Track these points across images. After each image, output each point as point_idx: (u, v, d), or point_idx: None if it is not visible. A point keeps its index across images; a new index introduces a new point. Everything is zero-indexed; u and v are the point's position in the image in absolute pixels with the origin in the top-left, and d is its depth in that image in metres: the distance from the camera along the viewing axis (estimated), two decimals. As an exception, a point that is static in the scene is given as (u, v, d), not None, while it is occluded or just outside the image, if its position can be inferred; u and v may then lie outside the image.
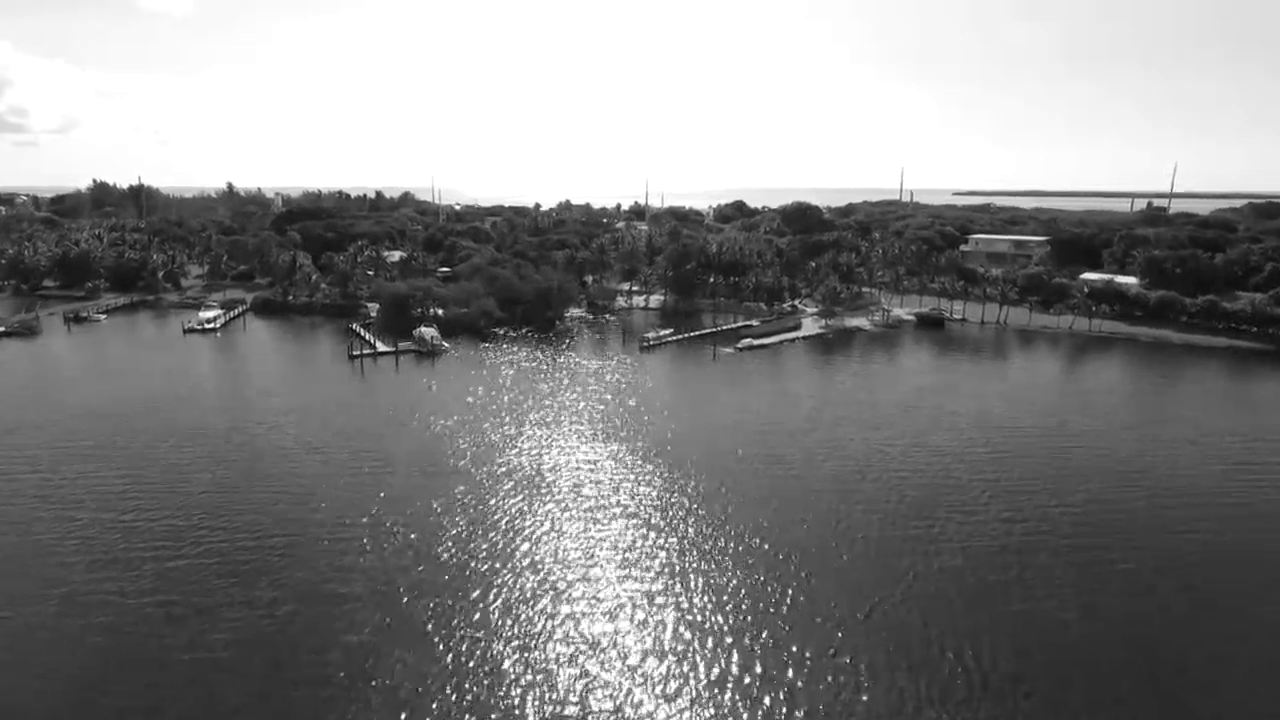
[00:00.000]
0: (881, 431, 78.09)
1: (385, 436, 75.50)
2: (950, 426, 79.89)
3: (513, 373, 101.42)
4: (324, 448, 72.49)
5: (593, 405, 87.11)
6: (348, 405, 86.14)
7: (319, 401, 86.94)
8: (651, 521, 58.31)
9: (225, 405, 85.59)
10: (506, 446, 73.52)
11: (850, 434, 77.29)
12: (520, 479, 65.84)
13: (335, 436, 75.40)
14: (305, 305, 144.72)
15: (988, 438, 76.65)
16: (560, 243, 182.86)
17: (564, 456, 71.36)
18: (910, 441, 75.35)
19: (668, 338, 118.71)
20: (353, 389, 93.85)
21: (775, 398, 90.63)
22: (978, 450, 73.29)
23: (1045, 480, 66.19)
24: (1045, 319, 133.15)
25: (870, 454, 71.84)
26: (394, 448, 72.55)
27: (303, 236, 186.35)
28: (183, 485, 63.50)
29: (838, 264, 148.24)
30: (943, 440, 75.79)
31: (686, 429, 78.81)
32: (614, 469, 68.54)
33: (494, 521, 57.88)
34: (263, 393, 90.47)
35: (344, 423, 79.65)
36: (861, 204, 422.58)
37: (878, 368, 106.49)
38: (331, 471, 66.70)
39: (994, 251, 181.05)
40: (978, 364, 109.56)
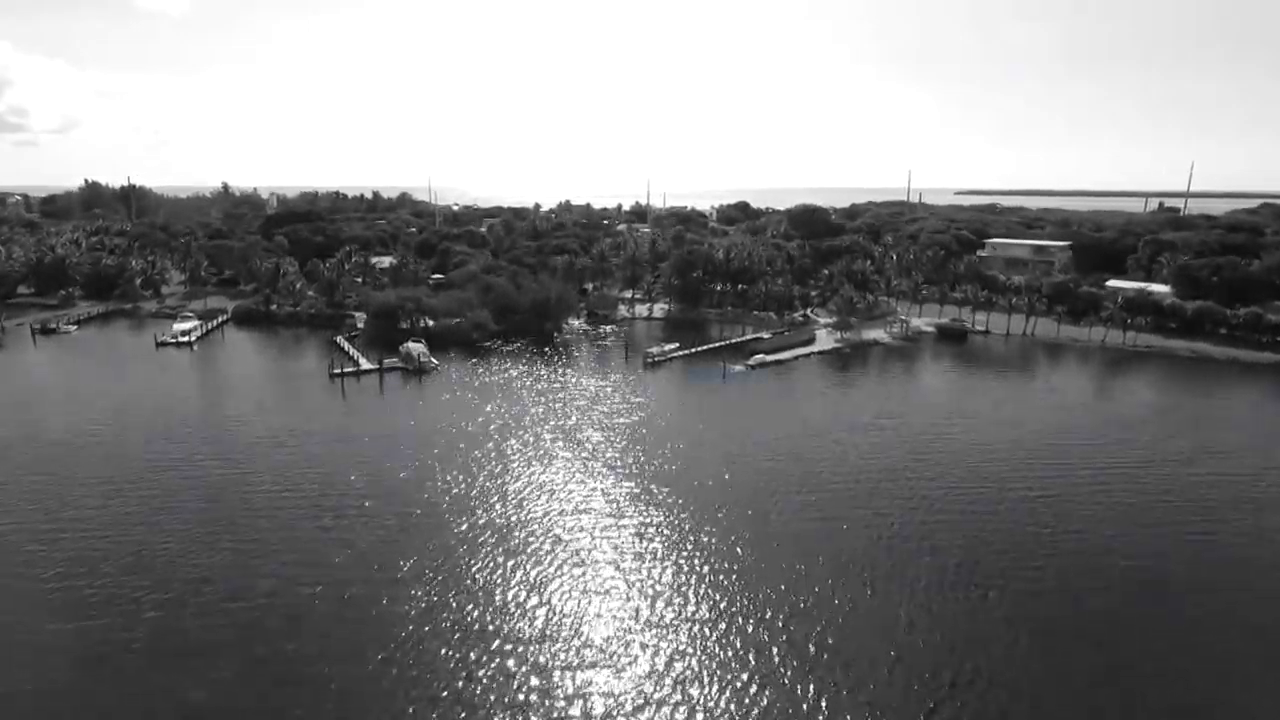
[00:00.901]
0: (921, 469, 70.05)
1: (357, 476, 67.44)
2: (1001, 462, 71.89)
3: (506, 394, 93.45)
4: (291, 488, 64.54)
5: (591, 436, 79.06)
6: (322, 435, 78.09)
7: (291, 431, 78.91)
8: (662, 597, 50.36)
9: (181, 436, 77.38)
10: (493, 489, 65.47)
11: (886, 469, 69.26)
12: (504, 534, 57.83)
13: (302, 475, 67.38)
14: (289, 315, 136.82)
15: (1043, 478, 68.66)
16: (559, 248, 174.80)
17: (556, 502, 63.30)
18: (953, 489, 67.34)
19: (673, 353, 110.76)
20: (330, 415, 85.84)
21: (795, 426, 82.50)
22: (1033, 496, 65.28)
23: (1116, 534, 58.20)
24: (1074, 331, 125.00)
25: (913, 497, 63.81)
26: (366, 489, 64.58)
27: (290, 241, 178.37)
28: (116, 535, 55.56)
29: (852, 271, 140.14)
30: (992, 482, 67.80)
31: (694, 467, 70.76)
32: (611, 522, 60.52)
33: (467, 589, 49.88)
34: (230, 420, 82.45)
35: (314, 458, 71.65)
36: (866, 205, 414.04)
37: (902, 388, 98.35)
38: (292, 521, 58.70)
39: (1013, 257, 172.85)
40: (1010, 383, 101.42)
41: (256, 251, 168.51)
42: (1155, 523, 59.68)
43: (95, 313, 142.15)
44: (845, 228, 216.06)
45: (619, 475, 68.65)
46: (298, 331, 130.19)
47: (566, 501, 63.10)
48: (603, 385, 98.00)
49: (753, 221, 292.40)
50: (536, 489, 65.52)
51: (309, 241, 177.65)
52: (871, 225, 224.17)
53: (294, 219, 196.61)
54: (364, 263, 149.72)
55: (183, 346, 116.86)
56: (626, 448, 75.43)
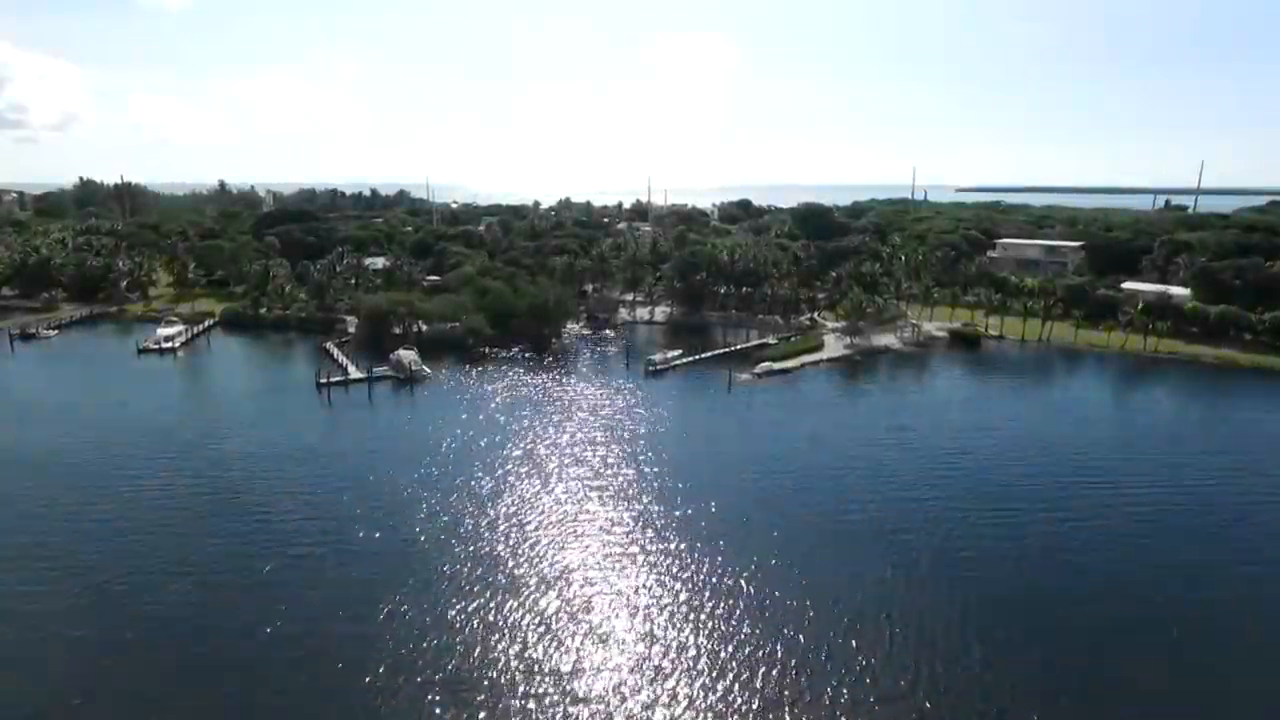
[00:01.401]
0: (943, 490, 65.40)
1: (340, 501, 62.75)
2: (1030, 482, 67.27)
3: (501, 405, 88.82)
4: (264, 515, 59.91)
5: (590, 453, 74.42)
6: (304, 454, 73.37)
7: (271, 448, 74.27)
8: (660, 647, 45.77)
9: (151, 454, 72.52)
10: (483, 517, 60.79)
11: (905, 489, 64.62)
12: (493, 567, 53.26)
13: (278, 499, 62.74)
14: (279, 319, 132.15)
15: (1078, 502, 64.03)
16: (559, 248, 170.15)
17: (553, 532, 58.69)
18: (979, 514, 62.71)
19: (676, 360, 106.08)
20: (314, 429, 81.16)
21: (806, 442, 77.83)
22: (1068, 522, 60.65)
23: (1177, 568, 53.60)
24: (1092, 336, 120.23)
25: (936, 523, 59.17)
26: (345, 516, 59.94)
27: (282, 242, 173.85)
28: (65, 571, 50.95)
29: (860, 274, 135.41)
30: (1019, 504, 63.17)
31: (702, 490, 66.09)
32: (612, 555, 55.93)
33: (448, 637, 45.28)
34: (206, 436, 77.73)
35: (293, 479, 67.03)
36: (869, 202, 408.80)
37: (917, 399, 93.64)
38: (261, 551, 54.07)
39: (1024, 258, 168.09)
40: (1029, 392, 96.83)
41: (247, 252, 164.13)
42: (1228, 560, 55.10)
43: (79, 316, 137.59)
44: (850, 227, 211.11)
45: (620, 499, 64.08)
46: (287, 336, 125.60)
47: (563, 531, 58.48)
48: (603, 395, 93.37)
49: (755, 220, 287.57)
50: (531, 517, 60.89)
51: (301, 242, 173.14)
52: (877, 224, 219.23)
53: (286, 219, 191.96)
54: (356, 264, 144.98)
55: (165, 353, 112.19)
56: (628, 467, 70.82)
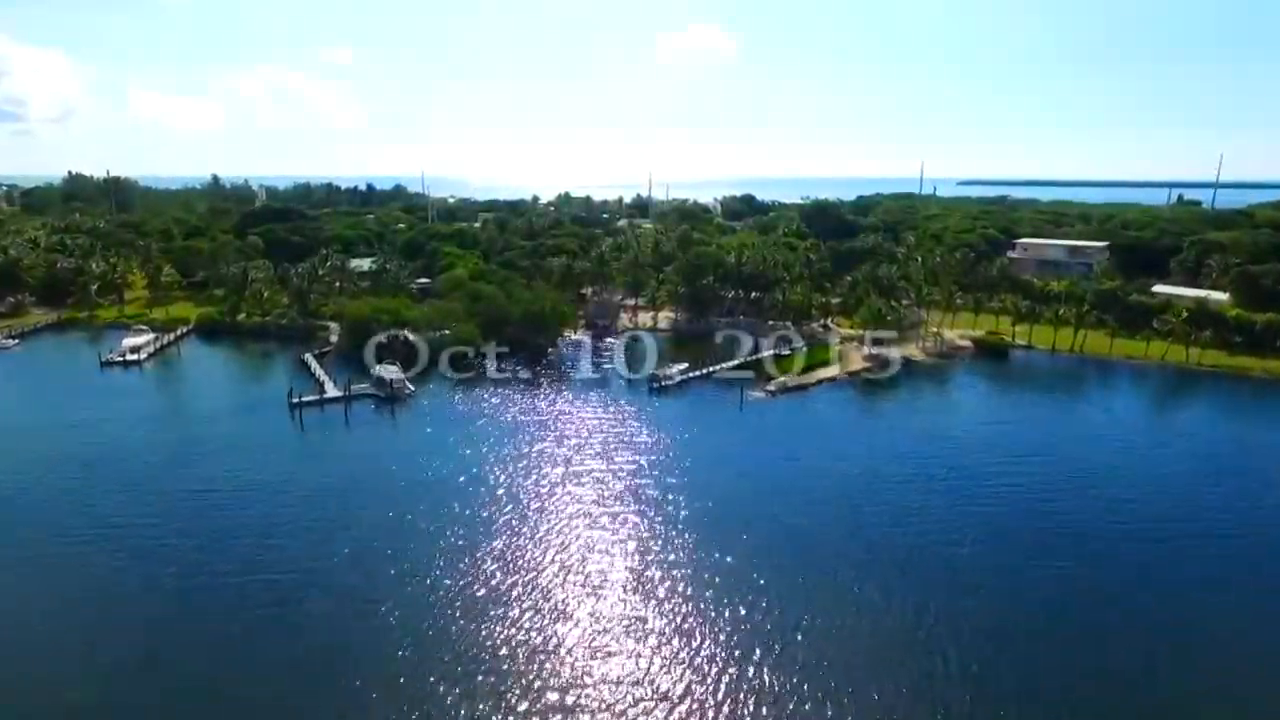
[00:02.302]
0: (984, 528, 57.34)
1: (293, 554, 54.67)
2: (1081, 518, 59.20)
3: (489, 430, 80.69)
4: (214, 569, 51.88)
5: (587, 489, 66.37)
6: (267, 488, 65.34)
7: (232, 483, 66.15)
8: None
9: (96, 491, 64.58)
10: (459, 578, 52.77)
11: (943, 529, 56.58)
12: (473, 655, 45.23)
13: (224, 554, 54.64)
14: (257, 327, 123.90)
15: (1135, 540, 55.99)
16: (556, 248, 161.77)
17: (545, 596, 50.67)
18: (1029, 557, 54.65)
19: (682, 375, 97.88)
20: (283, 458, 73.04)
21: (827, 472, 69.70)
22: (1129, 563, 52.61)
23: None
24: (1128, 345, 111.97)
25: (979, 571, 51.12)
26: (299, 569, 51.99)
27: (265, 242, 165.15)
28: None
29: (876, 277, 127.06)
30: (1067, 538, 55.14)
31: (715, 533, 58.03)
32: (614, 619, 47.89)
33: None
34: (160, 467, 69.61)
35: (252, 522, 58.97)
36: (874, 197, 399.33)
37: (946, 419, 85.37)
38: (214, 608, 46.04)
39: (1046, 259, 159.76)
40: (1067, 411, 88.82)
41: (226, 253, 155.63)
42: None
43: (46, 323, 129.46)
44: (860, 225, 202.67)
45: (622, 545, 56.14)
46: (265, 346, 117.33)
47: (558, 591, 50.48)
48: (602, 417, 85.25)
49: (760, 216, 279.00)
50: (519, 580, 52.85)
51: (285, 242, 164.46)
52: (888, 223, 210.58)
53: (271, 217, 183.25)
54: (340, 267, 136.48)
55: (130, 366, 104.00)
56: (629, 503, 62.86)
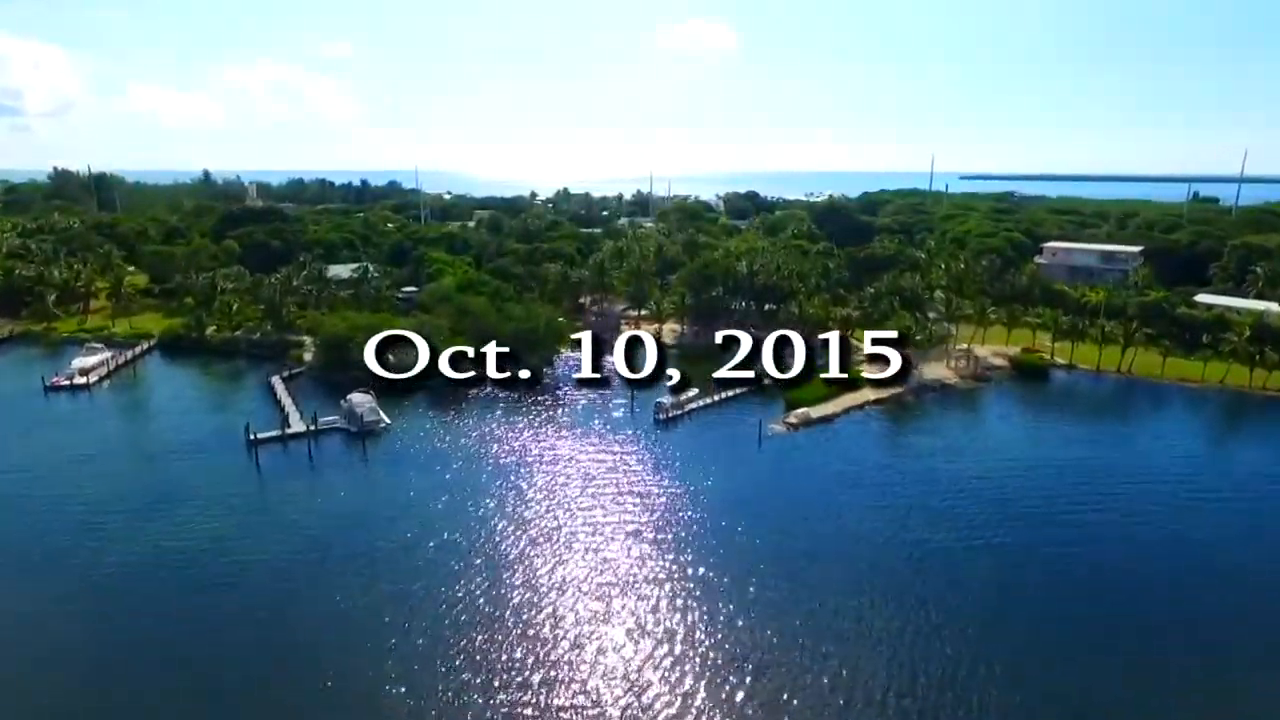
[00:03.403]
0: (1064, 605, 47.23)
1: (244, 635, 44.67)
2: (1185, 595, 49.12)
3: (471, 471, 70.61)
4: (136, 669, 41.79)
5: (585, 551, 56.28)
6: (209, 553, 55.23)
7: (172, 544, 56.05)
8: None
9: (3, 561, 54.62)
10: (423, 680, 42.64)
11: (1005, 605, 46.47)
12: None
13: (151, 637, 44.59)
14: (226, 343, 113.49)
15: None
16: (553, 252, 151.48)
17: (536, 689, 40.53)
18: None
19: (691, 402, 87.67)
20: (233, 510, 62.84)
21: (867, 534, 59.54)
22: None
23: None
24: (1182, 366, 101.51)
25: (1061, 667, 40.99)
26: (250, 656, 41.86)
27: (243, 246, 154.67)
28: None
29: (900, 288, 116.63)
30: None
31: (737, 613, 47.92)
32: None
33: None
34: (83, 526, 59.41)
35: (188, 611, 48.86)
36: (880, 193, 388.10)
37: (995, 459, 74.90)
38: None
39: (1076, 265, 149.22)
40: (1128, 446, 78.61)
41: (199, 260, 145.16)
42: None
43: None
44: (874, 226, 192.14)
45: (626, 625, 46.03)
46: (233, 365, 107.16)
47: (552, 681, 40.32)
48: (603, 454, 75.14)
49: (766, 215, 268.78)
50: (510, 652, 42.65)
51: (264, 246, 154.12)
52: (903, 224, 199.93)
53: (250, 218, 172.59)
54: (318, 275, 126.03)
55: (79, 391, 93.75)
56: (634, 570, 52.94)
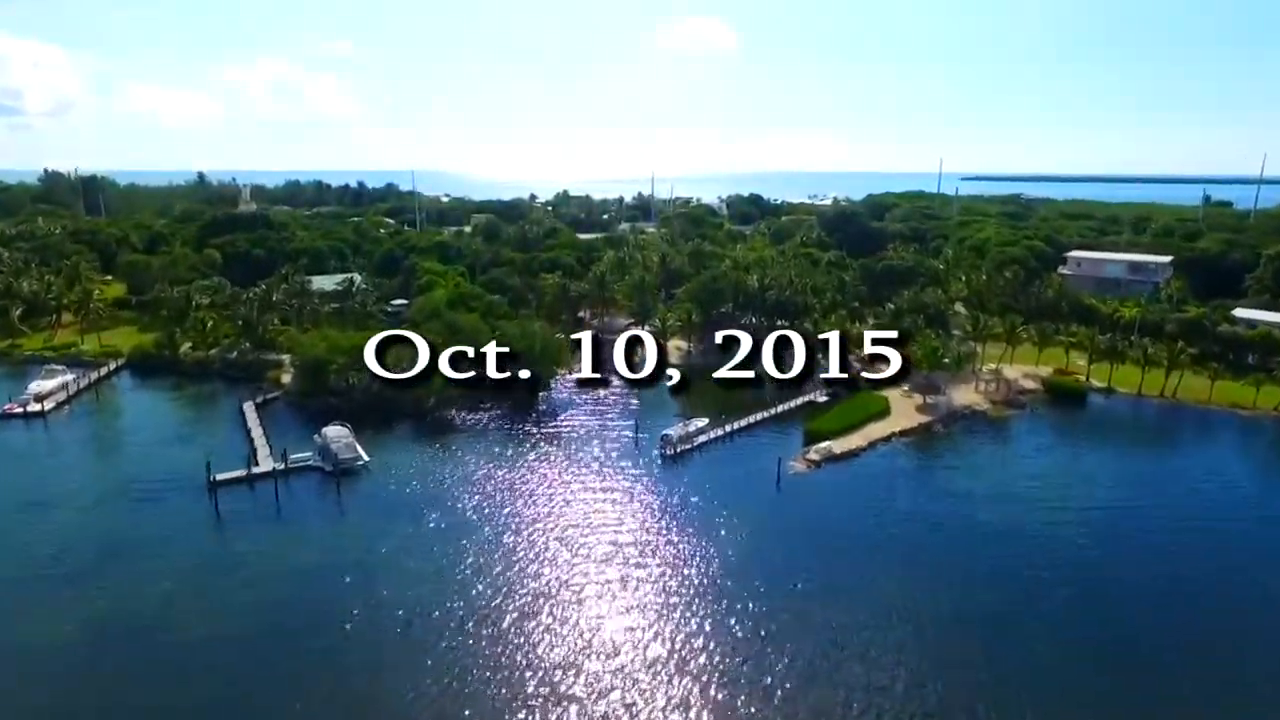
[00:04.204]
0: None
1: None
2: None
3: (457, 519, 62.84)
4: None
5: (584, 614, 48.53)
6: (151, 635, 47.57)
7: (92, 639, 48.25)
8: None
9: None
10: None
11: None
12: None
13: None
14: (202, 362, 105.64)
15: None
16: (551, 263, 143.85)
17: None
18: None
19: (701, 433, 79.97)
20: (181, 573, 55.01)
21: (907, 600, 51.84)
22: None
23: None
24: (1231, 389, 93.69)
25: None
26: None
27: (225, 255, 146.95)
28: None
29: (922, 304, 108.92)
30: None
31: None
32: None
33: None
34: (3, 599, 51.74)
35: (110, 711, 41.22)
36: (885, 195, 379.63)
37: (1053, 510, 67.19)
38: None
39: (1103, 276, 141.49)
40: (1186, 492, 70.83)
41: (178, 270, 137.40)
42: None
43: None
44: (887, 234, 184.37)
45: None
46: (207, 387, 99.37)
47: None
48: (603, 499, 67.44)
49: (771, 219, 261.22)
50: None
51: (246, 256, 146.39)
52: (914, 230, 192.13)
53: (235, 225, 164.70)
54: (301, 289, 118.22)
55: (33, 419, 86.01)
56: (641, 646, 45.12)
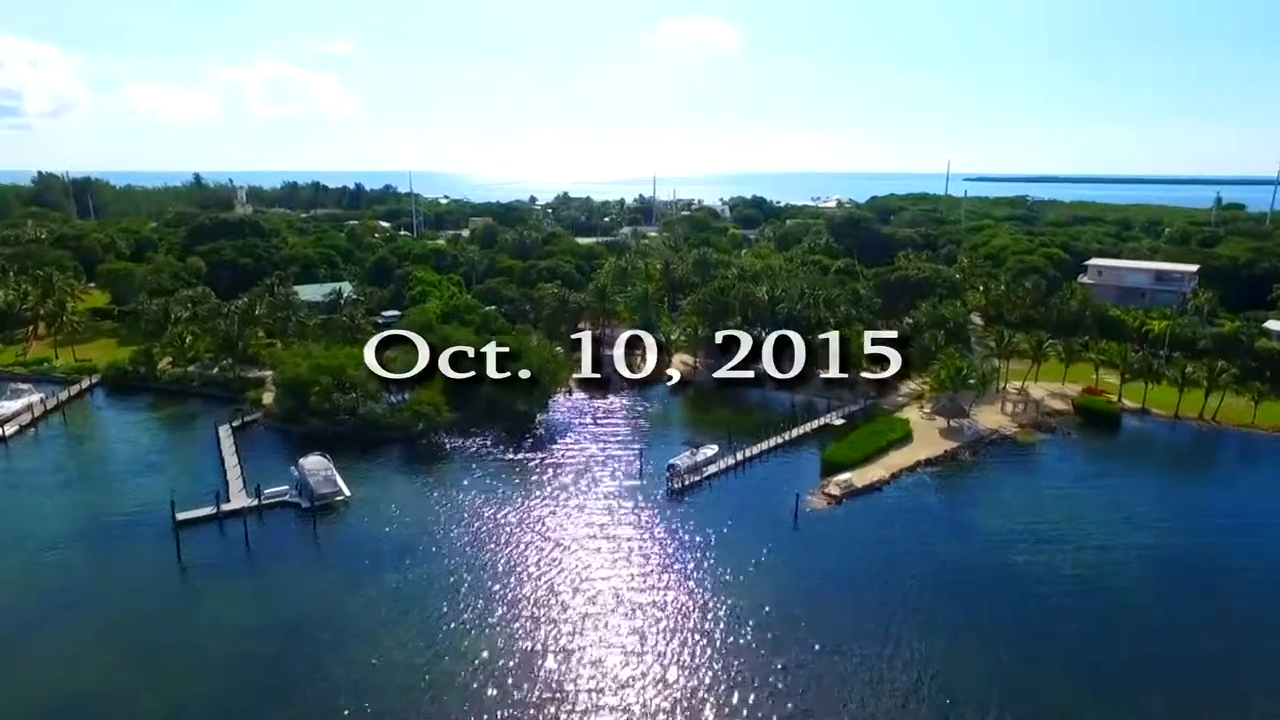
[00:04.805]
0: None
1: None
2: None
3: (443, 564, 56.90)
4: None
5: (581, 691, 42.61)
6: (77, 718, 41.67)
7: (17, 715, 42.38)
8: None
9: None
10: None
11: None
12: None
13: None
14: (180, 380, 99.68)
15: None
16: (550, 271, 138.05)
17: None
18: None
19: (709, 463, 74.01)
20: (129, 642, 49.10)
21: (952, 684, 45.90)
22: None
23: None
24: (1276, 411, 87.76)
25: None
26: None
27: (210, 264, 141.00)
28: None
29: (941, 317, 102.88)
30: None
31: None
32: None
33: None
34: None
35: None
36: (889, 197, 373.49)
37: (1104, 556, 61.19)
38: None
39: (1126, 285, 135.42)
40: (1245, 529, 64.81)
41: (161, 279, 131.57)
42: None
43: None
44: (896, 240, 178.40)
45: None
46: (184, 408, 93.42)
47: None
48: (604, 540, 61.48)
49: (775, 222, 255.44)
50: None
51: (233, 264, 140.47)
52: (925, 235, 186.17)
53: (223, 231, 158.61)
54: (285, 301, 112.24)
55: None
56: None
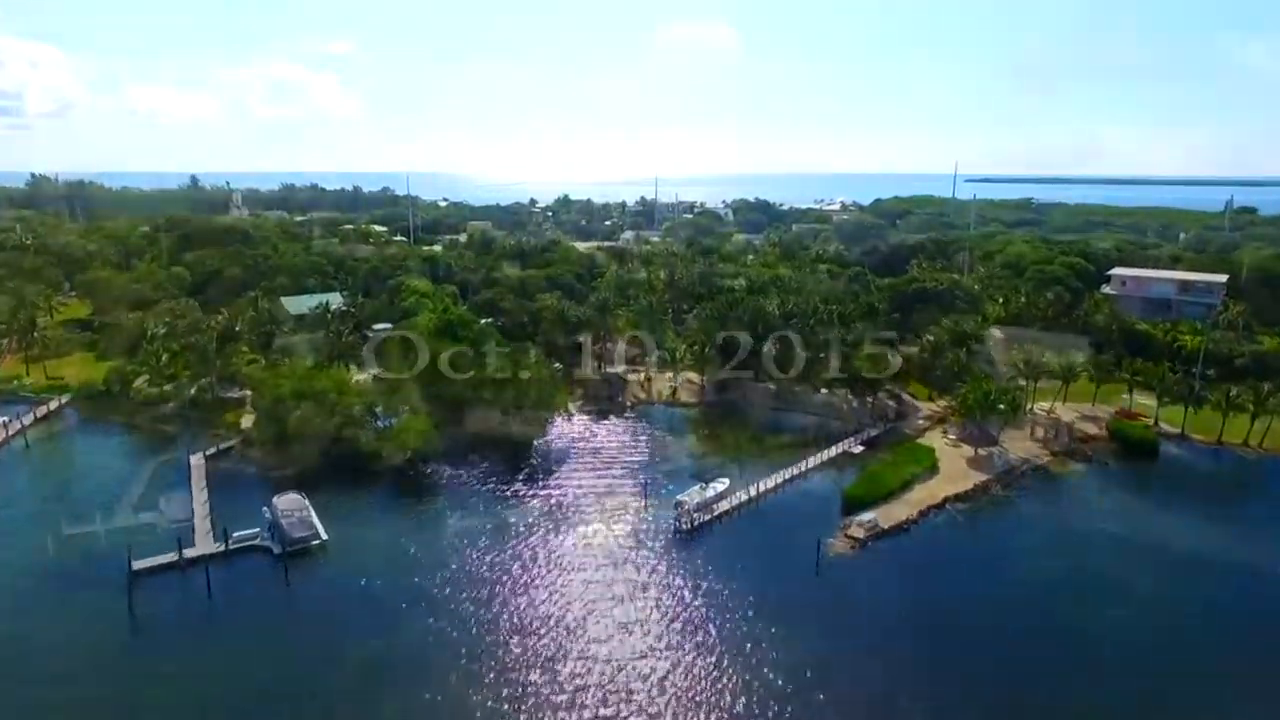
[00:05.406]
0: None
1: None
2: None
3: (425, 620, 51.04)
4: None
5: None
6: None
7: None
8: None
9: None
10: None
11: None
12: None
13: None
14: (155, 401, 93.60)
15: None
16: (550, 281, 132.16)
17: None
18: None
19: (720, 498, 68.14)
20: (63, 713, 43.33)
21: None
22: None
23: None
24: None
25: None
26: None
27: (195, 274, 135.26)
28: None
29: (964, 336, 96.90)
30: None
31: None
32: None
33: None
34: None
35: None
36: (893, 200, 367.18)
37: (1157, 605, 55.30)
38: None
39: (1151, 296, 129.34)
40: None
41: (142, 290, 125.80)
42: None
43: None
44: (907, 247, 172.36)
45: None
46: (158, 432, 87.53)
47: None
48: (605, 591, 55.60)
49: (779, 227, 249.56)
50: None
51: (219, 274, 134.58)
52: (936, 242, 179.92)
53: (212, 239, 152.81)
54: (268, 315, 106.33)
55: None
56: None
